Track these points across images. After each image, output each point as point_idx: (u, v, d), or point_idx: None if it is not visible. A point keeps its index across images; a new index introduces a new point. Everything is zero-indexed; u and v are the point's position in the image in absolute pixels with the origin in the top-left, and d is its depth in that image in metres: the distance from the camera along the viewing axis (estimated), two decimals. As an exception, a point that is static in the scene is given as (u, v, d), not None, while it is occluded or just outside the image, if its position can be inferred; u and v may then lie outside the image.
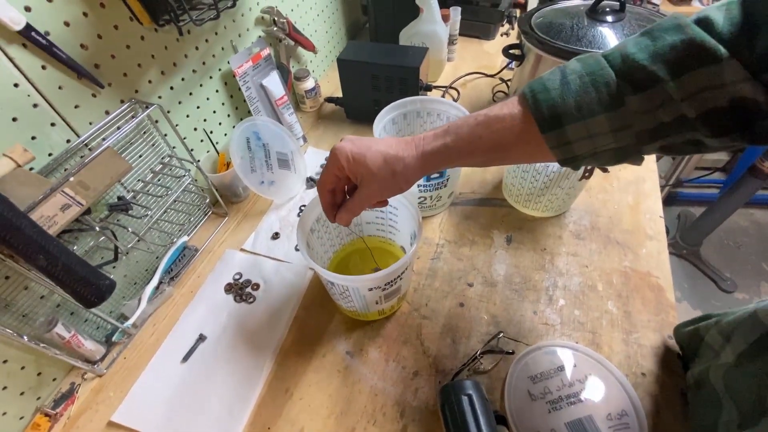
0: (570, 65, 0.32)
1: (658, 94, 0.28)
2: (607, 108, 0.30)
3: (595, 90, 0.30)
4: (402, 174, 0.38)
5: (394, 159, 0.37)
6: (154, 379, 0.54)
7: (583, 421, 0.45)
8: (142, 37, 0.56)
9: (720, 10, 0.27)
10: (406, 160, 0.38)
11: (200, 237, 0.71)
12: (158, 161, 0.62)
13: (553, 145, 0.33)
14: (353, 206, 0.42)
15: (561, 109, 0.31)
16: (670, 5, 1.55)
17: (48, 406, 0.52)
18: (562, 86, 0.31)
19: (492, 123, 0.35)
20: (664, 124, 0.29)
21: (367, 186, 0.39)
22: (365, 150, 0.38)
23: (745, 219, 1.82)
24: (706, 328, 0.46)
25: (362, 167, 0.38)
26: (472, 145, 0.36)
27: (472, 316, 0.57)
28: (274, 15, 0.79)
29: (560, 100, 0.31)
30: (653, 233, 0.65)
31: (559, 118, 0.31)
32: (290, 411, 0.50)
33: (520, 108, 0.34)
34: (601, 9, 0.70)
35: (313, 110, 0.97)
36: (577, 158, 0.33)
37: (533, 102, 0.32)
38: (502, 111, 0.34)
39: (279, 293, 0.62)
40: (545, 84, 0.32)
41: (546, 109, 0.32)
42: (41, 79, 0.45)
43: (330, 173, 0.40)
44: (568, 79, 0.31)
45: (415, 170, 0.38)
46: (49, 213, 0.43)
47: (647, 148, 0.32)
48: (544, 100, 0.32)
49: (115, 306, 0.60)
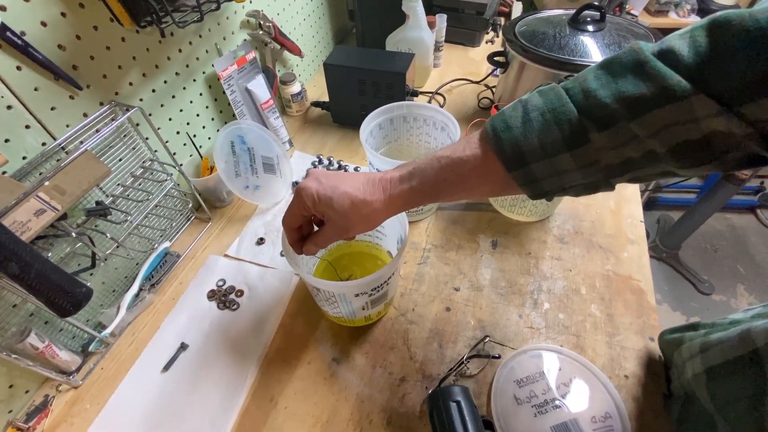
0: (532, 100, 0.32)
1: (623, 131, 0.28)
2: (571, 146, 0.30)
3: (558, 128, 0.30)
4: (368, 217, 0.38)
5: (361, 203, 0.37)
6: (133, 390, 0.53)
7: (568, 425, 0.45)
8: (123, 38, 0.55)
9: (683, 38, 0.26)
10: (373, 205, 0.37)
11: (182, 242, 0.70)
12: (139, 165, 0.60)
13: (522, 183, 0.33)
14: (319, 241, 0.41)
15: (525, 147, 0.31)
16: (648, 16, 1.61)
17: (20, 420, 0.50)
18: (524, 124, 0.31)
19: (456, 166, 0.34)
20: (633, 159, 0.29)
21: (333, 226, 0.39)
22: (331, 191, 0.37)
23: (721, 223, 1.89)
24: (691, 338, 0.45)
25: (328, 209, 0.37)
26: (437, 188, 0.36)
27: (458, 320, 0.57)
28: (260, 18, 0.79)
29: (523, 138, 0.31)
30: (634, 237, 0.66)
31: (523, 157, 0.31)
32: (275, 420, 0.49)
33: (482, 148, 0.33)
34: (582, 19, 0.72)
35: (300, 114, 0.96)
36: (547, 193, 0.33)
37: (495, 141, 0.32)
38: (465, 153, 0.34)
39: (264, 300, 0.61)
40: (507, 122, 0.32)
41: (509, 148, 0.31)
42: (16, 80, 0.44)
43: (295, 212, 0.40)
44: (530, 117, 0.31)
45: (382, 213, 0.38)
46: (22, 218, 0.42)
47: (616, 180, 0.31)
48: (506, 139, 0.31)
49: (92, 314, 0.58)
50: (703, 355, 0.40)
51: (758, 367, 0.33)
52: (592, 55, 0.68)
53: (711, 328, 0.44)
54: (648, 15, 1.61)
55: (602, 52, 0.68)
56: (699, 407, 0.41)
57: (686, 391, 0.44)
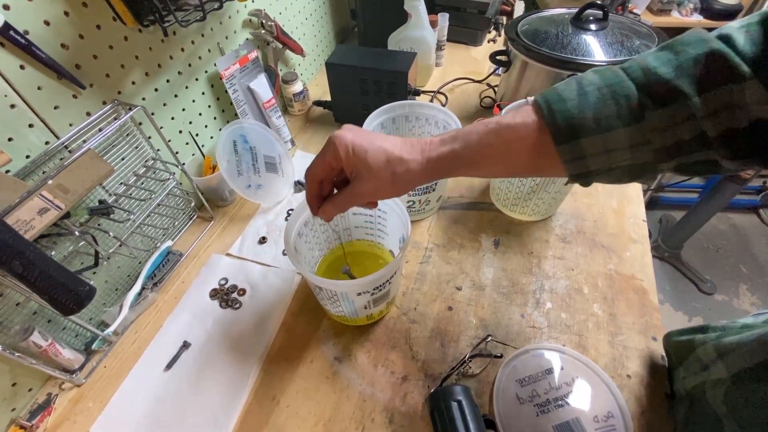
0: (586, 76, 0.31)
1: (681, 110, 0.27)
2: (627, 122, 0.29)
3: (615, 103, 0.29)
4: (402, 178, 0.35)
5: (397, 160, 0.35)
6: (136, 389, 0.53)
7: (571, 424, 0.45)
8: (126, 37, 0.55)
9: (740, 31, 0.27)
10: (409, 164, 0.35)
11: (185, 241, 0.70)
12: (142, 164, 0.61)
13: (567, 159, 0.31)
14: (341, 202, 0.38)
15: (578, 121, 0.29)
16: (650, 15, 1.60)
17: (23, 418, 0.50)
18: (579, 97, 0.30)
19: (503, 131, 0.33)
20: (683, 142, 0.28)
21: (361, 183, 0.36)
22: (367, 144, 0.35)
23: (723, 223, 1.88)
24: (702, 341, 0.44)
25: (361, 162, 0.35)
26: (480, 153, 0.34)
27: (460, 319, 0.57)
28: (262, 18, 0.79)
29: (577, 111, 0.30)
30: (637, 237, 0.66)
31: (574, 130, 0.30)
32: (277, 419, 0.49)
33: (534, 117, 0.32)
34: (585, 17, 0.71)
35: (302, 113, 0.96)
36: (590, 174, 0.31)
37: (548, 112, 0.30)
38: (515, 120, 0.32)
39: (266, 299, 0.61)
40: (561, 94, 0.31)
41: (561, 121, 0.30)
42: (19, 79, 0.44)
43: (323, 162, 0.36)
44: (586, 90, 0.30)
45: (418, 176, 0.36)
46: (25, 217, 0.42)
47: (663, 166, 0.30)
48: (559, 111, 0.30)
49: (95, 313, 0.58)
50: (724, 360, 0.39)
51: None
52: (595, 54, 0.68)
53: (722, 331, 0.42)
54: (650, 14, 1.61)
55: (605, 51, 0.68)
56: (706, 409, 0.40)
57: (690, 392, 0.43)
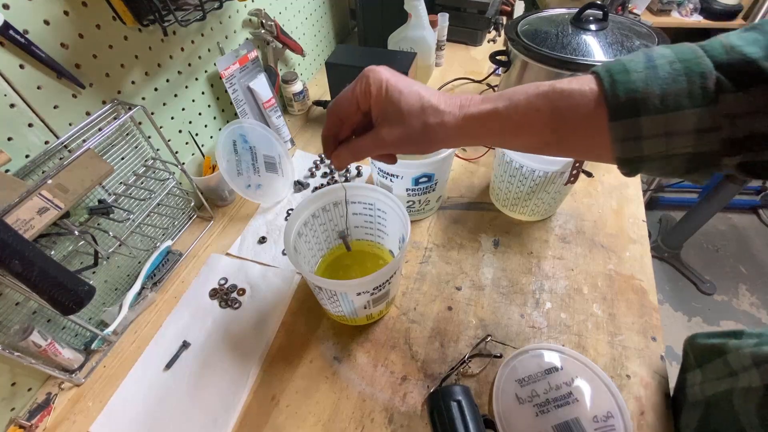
0: (657, 50, 0.28)
1: (765, 96, 0.24)
2: (698, 103, 0.25)
3: (687, 80, 0.25)
4: (434, 130, 0.32)
5: (432, 109, 0.32)
6: (135, 388, 0.53)
7: (570, 424, 0.45)
8: (126, 37, 0.55)
9: None
10: (444, 117, 0.32)
11: (184, 241, 0.70)
12: (141, 164, 0.60)
13: (620, 137, 0.27)
14: (359, 147, 0.35)
15: (641, 95, 0.26)
16: (650, 15, 1.60)
17: (23, 418, 0.50)
18: (646, 70, 0.26)
19: (555, 96, 0.29)
20: (758, 135, 0.25)
21: (388, 128, 0.33)
22: (403, 86, 0.32)
23: (723, 223, 1.88)
24: (737, 346, 0.40)
25: (393, 103, 0.32)
26: (525, 117, 0.30)
27: (460, 319, 0.57)
28: (262, 17, 0.79)
29: (642, 85, 0.26)
30: (636, 237, 0.66)
31: (636, 105, 0.26)
32: (276, 418, 0.49)
33: (592, 86, 0.28)
34: (585, 18, 0.71)
35: (301, 113, 0.96)
36: (642, 159, 0.28)
37: (609, 83, 0.27)
38: (571, 85, 0.29)
39: (265, 298, 0.61)
40: (625, 65, 0.27)
41: (623, 93, 0.26)
42: (19, 78, 0.44)
43: (351, 95, 0.34)
44: (655, 63, 0.26)
45: (451, 133, 0.32)
46: (25, 216, 0.42)
47: (727, 160, 0.27)
48: (621, 82, 0.27)
49: (94, 313, 0.58)
50: (759, 368, 0.36)
51: None
52: (595, 54, 0.68)
53: (759, 338, 0.39)
54: (650, 14, 1.61)
55: (605, 51, 0.68)
56: (728, 418, 0.38)
57: (710, 398, 0.41)
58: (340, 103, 0.35)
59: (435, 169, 0.61)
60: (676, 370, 0.49)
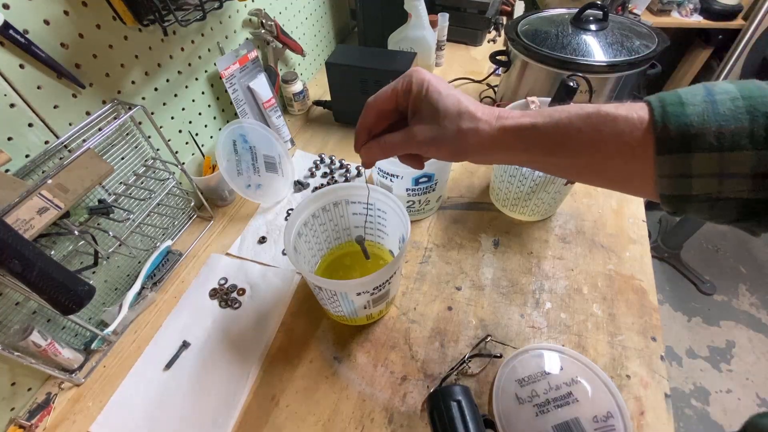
0: (719, 84, 0.26)
1: None
2: (760, 145, 0.23)
3: (750, 119, 0.23)
4: (466, 136, 0.31)
5: (468, 115, 0.31)
6: (135, 388, 0.53)
7: (570, 424, 0.45)
8: (126, 37, 0.55)
9: None
10: (480, 124, 0.31)
11: (184, 241, 0.70)
12: (141, 164, 0.60)
13: (666, 174, 0.25)
14: (390, 142, 0.35)
15: (696, 130, 0.24)
16: (650, 15, 1.60)
17: (23, 417, 0.50)
18: (705, 104, 0.25)
19: (599, 120, 0.28)
20: None
21: (422, 126, 0.33)
22: (443, 89, 0.32)
23: (722, 223, 1.88)
24: None
25: (431, 103, 0.32)
26: (565, 136, 0.29)
27: (460, 319, 0.57)
28: (262, 17, 0.79)
29: (697, 119, 0.24)
30: (636, 237, 0.66)
31: (688, 141, 0.24)
32: (276, 418, 0.49)
33: (641, 114, 0.26)
34: (584, 18, 0.72)
35: (301, 113, 0.96)
36: (690, 199, 0.26)
37: (661, 113, 0.25)
38: (618, 111, 0.27)
39: (265, 298, 0.61)
40: (681, 96, 0.26)
41: (674, 125, 0.25)
42: (19, 78, 0.44)
43: (392, 90, 0.34)
44: (715, 99, 0.25)
45: (484, 142, 0.31)
46: (25, 216, 0.42)
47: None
48: (674, 114, 0.25)
49: (94, 312, 0.58)
50: None
51: None
52: (595, 54, 0.68)
53: None
54: (650, 14, 1.61)
55: (605, 51, 0.68)
56: None
57: None
58: (379, 98, 0.35)
59: (435, 169, 0.61)
60: (676, 371, 0.49)
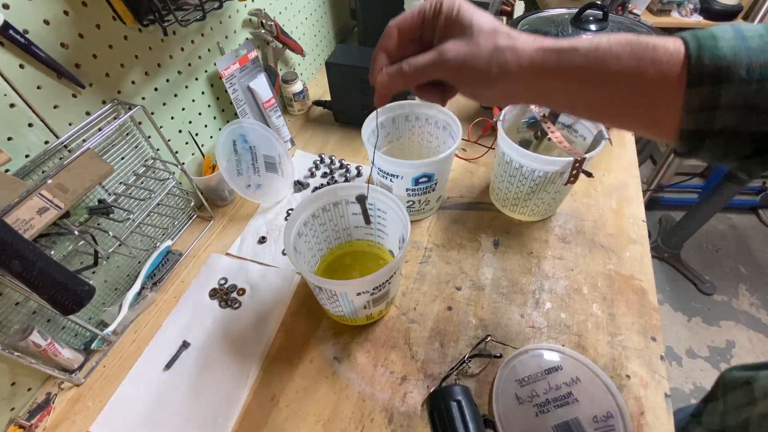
0: (744, 25, 0.27)
1: None
2: None
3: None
4: (504, 54, 0.29)
5: (505, 33, 0.29)
6: (135, 388, 0.53)
7: (570, 424, 0.45)
8: (126, 36, 0.55)
9: None
10: (517, 43, 0.29)
11: (184, 241, 0.70)
12: (141, 164, 0.60)
13: (693, 107, 0.26)
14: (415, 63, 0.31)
15: (727, 63, 0.24)
16: (650, 15, 1.60)
17: (22, 417, 0.50)
18: (736, 40, 0.25)
19: (639, 48, 0.27)
20: None
21: (454, 44, 0.30)
22: (476, 9, 0.30)
23: (723, 223, 1.88)
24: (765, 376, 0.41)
25: (463, 23, 0.29)
26: (605, 62, 0.28)
27: (460, 319, 0.57)
28: (262, 17, 0.79)
29: (730, 52, 0.25)
30: (636, 237, 0.66)
31: (719, 72, 0.25)
32: (276, 418, 0.49)
33: (678, 45, 0.26)
34: (585, 18, 0.71)
35: (301, 113, 0.96)
36: (710, 134, 0.26)
37: (696, 46, 0.25)
38: (657, 41, 0.27)
39: (265, 298, 0.61)
40: (713, 33, 0.26)
41: (709, 59, 0.25)
42: (19, 78, 0.44)
43: (419, 11, 0.31)
44: (745, 35, 0.25)
45: (523, 61, 0.29)
46: (25, 216, 0.42)
47: None
48: (709, 47, 0.25)
49: (94, 312, 0.58)
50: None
51: None
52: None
53: None
54: (650, 14, 1.61)
55: (605, 51, 0.68)
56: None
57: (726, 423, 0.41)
58: (404, 19, 0.32)
59: (435, 169, 0.61)
60: (676, 371, 0.49)
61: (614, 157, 0.80)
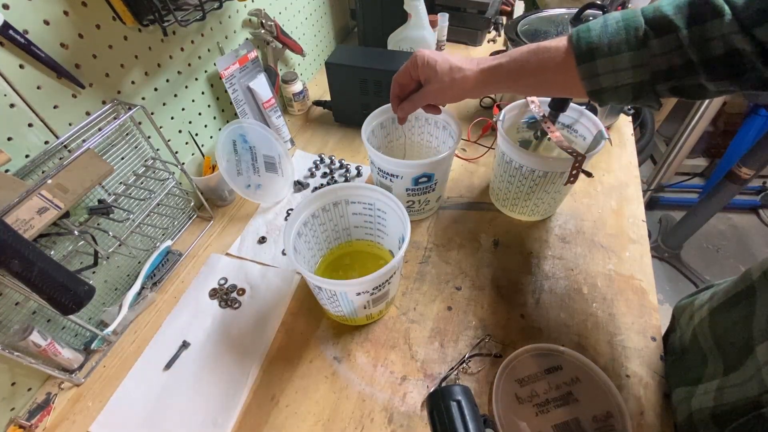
0: (612, 14, 0.38)
1: (674, 39, 0.34)
2: (632, 47, 0.36)
3: (626, 32, 0.36)
4: (459, 83, 0.46)
5: (456, 69, 0.46)
6: (135, 388, 0.53)
7: (570, 424, 0.45)
8: (126, 37, 0.55)
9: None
10: (466, 72, 0.46)
11: (184, 241, 0.70)
12: (141, 164, 0.60)
13: (584, 76, 0.39)
14: (414, 99, 0.51)
15: (595, 45, 0.37)
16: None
17: (22, 418, 0.50)
18: (601, 28, 0.38)
19: (540, 51, 0.41)
20: (675, 67, 0.35)
21: (429, 85, 0.48)
22: (438, 57, 0.47)
23: (723, 223, 1.88)
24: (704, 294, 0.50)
25: (431, 70, 0.47)
26: (521, 68, 0.43)
27: (460, 319, 0.57)
28: (262, 17, 0.79)
29: (597, 39, 0.37)
30: (636, 237, 0.66)
31: (592, 53, 0.38)
32: (276, 418, 0.49)
33: (564, 44, 0.40)
34: (584, 18, 0.71)
35: (301, 113, 0.96)
36: (602, 91, 0.39)
37: (576, 39, 0.39)
38: (551, 44, 0.41)
39: (265, 298, 0.61)
40: (589, 26, 0.39)
41: (585, 45, 0.38)
42: (19, 78, 0.44)
43: (405, 69, 0.50)
44: (608, 23, 0.38)
45: (471, 83, 0.46)
46: (25, 216, 0.42)
47: (660, 87, 0.37)
48: (584, 38, 0.38)
49: (94, 312, 0.58)
50: (710, 301, 0.46)
51: (751, 295, 0.39)
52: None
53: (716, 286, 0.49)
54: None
55: (604, 51, 0.68)
56: (694, 353, 0.46)
57: (683, 342, 0.49)
58: (398, 75, 0.52)
59: (435, 169, 0.61)
60: (676, 370, 0.50)
61: (614, 157, 0.80)
